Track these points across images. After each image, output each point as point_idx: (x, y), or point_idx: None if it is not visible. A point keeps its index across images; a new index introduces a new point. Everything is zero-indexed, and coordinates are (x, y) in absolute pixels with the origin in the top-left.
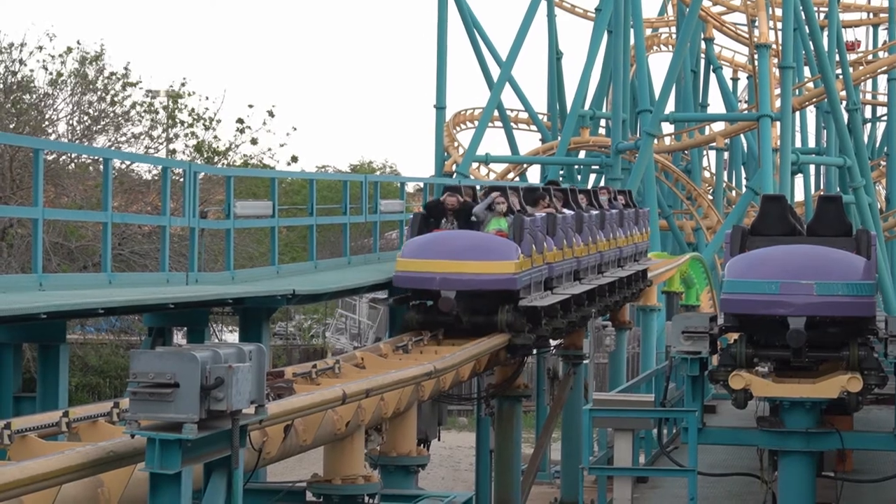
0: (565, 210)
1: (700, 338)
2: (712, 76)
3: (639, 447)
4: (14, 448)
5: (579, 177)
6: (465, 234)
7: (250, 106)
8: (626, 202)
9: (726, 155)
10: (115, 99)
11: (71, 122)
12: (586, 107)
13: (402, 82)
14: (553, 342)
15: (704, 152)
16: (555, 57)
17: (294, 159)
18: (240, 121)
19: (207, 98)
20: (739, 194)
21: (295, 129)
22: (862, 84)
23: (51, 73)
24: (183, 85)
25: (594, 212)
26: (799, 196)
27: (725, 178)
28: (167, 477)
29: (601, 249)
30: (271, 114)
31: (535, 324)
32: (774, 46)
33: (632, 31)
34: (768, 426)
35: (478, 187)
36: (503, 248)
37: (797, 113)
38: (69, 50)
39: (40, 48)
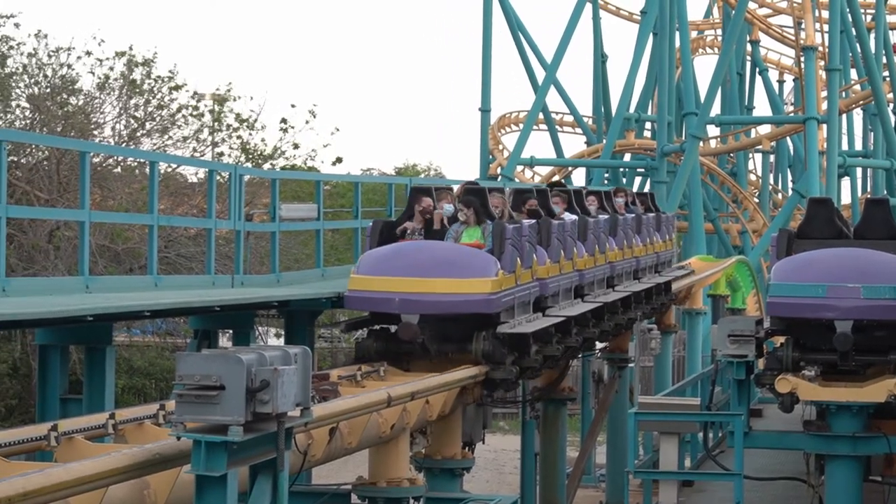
0: (567, 214)
1: (746, 341)
2: (758, 78)
3: (684, 451)
4: (61, 450)
5: (624, 179)
6: (431, 245)
7: (293, 106)
8: (647, 206)
9: (772, 158)
10: (162, 103)
11: (117, 125)
12: (631, 109)
13: (447, 85)
14: (599, 345)
15: (750, 155)
16: (600, 59)
17: (338, 160)
18: (283, 121)
19: (252, 99)
20: (785, 197)
21: (338, 129)
22: None
23: (99, 78)
24: (229, 90)
25: (603, 217)
26: (845, 199)
27: (771, 181)
28: (213, 479)
29: (612, 260)
30: (313, 114)
31: (521, 353)
32: (821, 48)
33: (677, 33)
34: (815, 430)
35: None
36: (478, 262)
37: (844, 115)
38: (120, 54)
39: (89, 53)
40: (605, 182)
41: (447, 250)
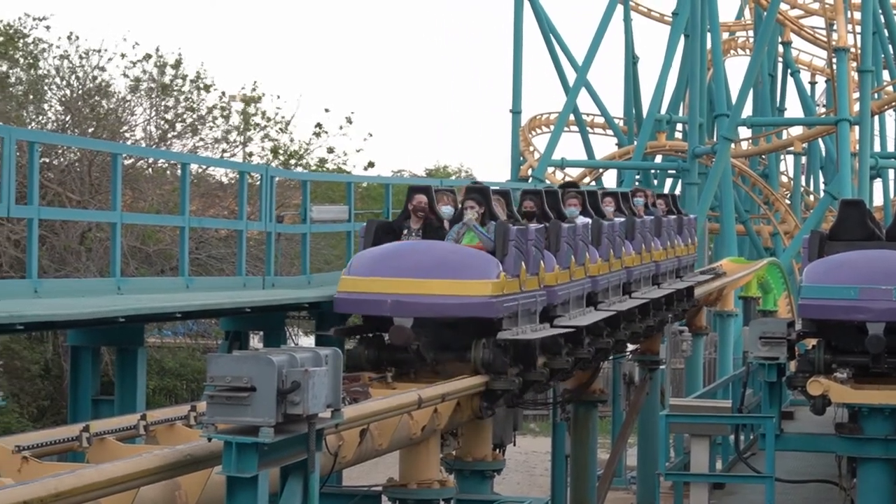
0: (580, 217)
1: (778, 343)
2: (790, 80)
3: (715, 453)
4: (92, 451)
5: (656, 181)
6: (427, 245)
7: (327, 111)
8: (668, 208)
9: (804, 159)
10: (193, 106)
11: (148, 127)
12: (663, 111)
13: (478, 87)
14: (630, 347)
15: (782, 157)
16: (631, 61)
17: (370, 165)
18: (318, 125)
19: (279, 97)
20: (817, 199)
21: (371, 135)
22: None
23: (131, 80)
24: (254, 89)
25: (619, 219)
26: (878, 201)
27: (803, 183)
28: (244, 480)
29: (628, 265)
30: (349, 120)
31: (526, 364)
32: (853, 50)
33: (709, 34)
34: (847, 433)
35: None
36: (478, 263)
37: (876, 117)
38: (147, 57)
39: (122, 55)
40: (637, 184)
41: (444, 250)
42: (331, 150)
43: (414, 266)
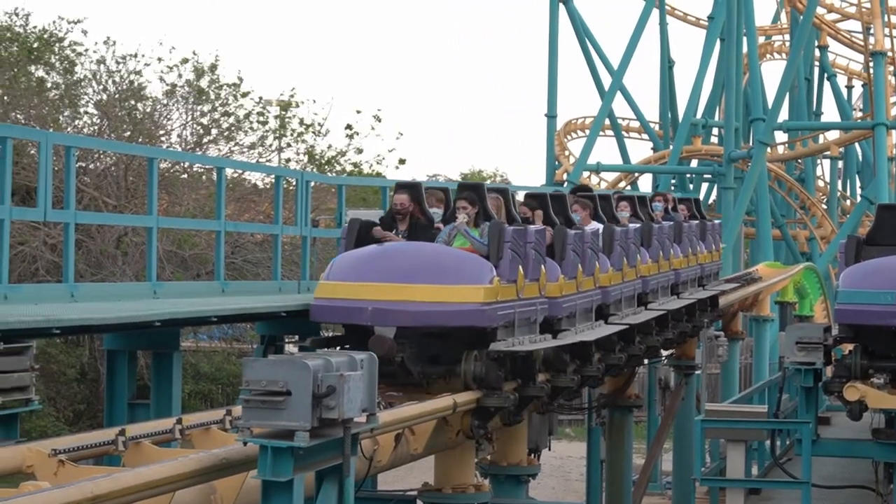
0: (592, 223)
1: (814, 348)
2: (826, 84)
3: (751, 458)
4: (128, 454)
5: (691, 186)
6: (414, 247)
7: (358, 112)
8: (691, 213)
9: (841, 164)
10: (228, 109)
11: (184, 132)
12: (698, 115)
13: (513, 91)
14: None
15: (818, 161)
16: (667, 65)
17: (402, 162)
18: (348, 126)
19: (315, 102)
20: (854, 204)
21: (402, 134)
22: None
23: (167, 85)
24: (292, 95)
25: (635, 225)
26: None
27: (840, 188)
28: (279, 484)
29: (644, 274)
30: (378, 118)
31: (524, 378)
32: (890, 54)
33: (744, 38)
34: (884, 438)
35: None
36: (469, 266)
37: None
38: (185, 61)
39: (159, 59)
40: (672, 188)
41: (431, 253)
42: (360, 151)
43: (398, 270)
